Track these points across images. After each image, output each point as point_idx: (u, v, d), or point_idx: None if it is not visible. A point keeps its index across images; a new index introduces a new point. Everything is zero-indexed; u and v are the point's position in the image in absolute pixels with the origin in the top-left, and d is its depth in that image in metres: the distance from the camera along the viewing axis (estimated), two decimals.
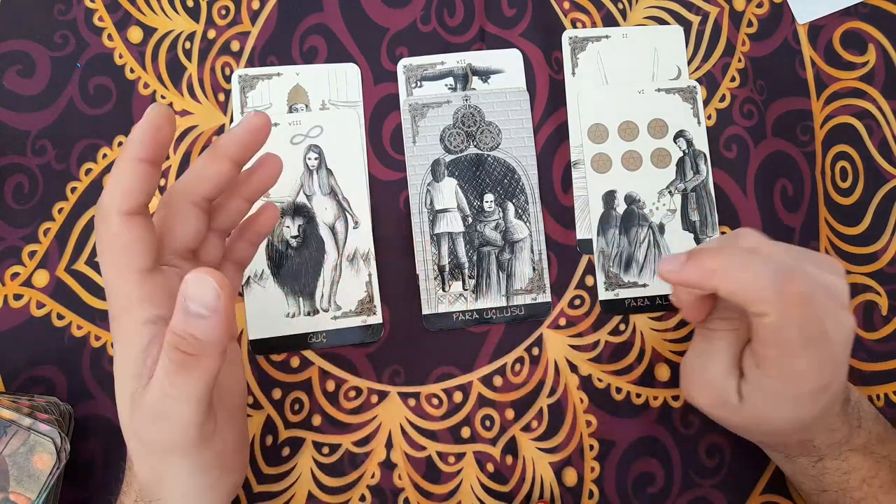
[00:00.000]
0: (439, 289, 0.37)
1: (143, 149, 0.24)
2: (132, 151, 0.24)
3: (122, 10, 0.39)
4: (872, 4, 0.40)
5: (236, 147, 0.27)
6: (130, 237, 0.24)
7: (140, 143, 0.24)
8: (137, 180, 0.24)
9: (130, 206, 0.24)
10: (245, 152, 0.28)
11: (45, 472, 0.31)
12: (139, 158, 0.24)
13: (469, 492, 0.36)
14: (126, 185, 0.24)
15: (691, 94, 0.39)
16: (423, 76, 0.39)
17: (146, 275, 0.25)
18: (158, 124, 0.25)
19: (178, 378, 0.23)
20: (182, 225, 0.27)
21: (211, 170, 0.27)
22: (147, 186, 0.25)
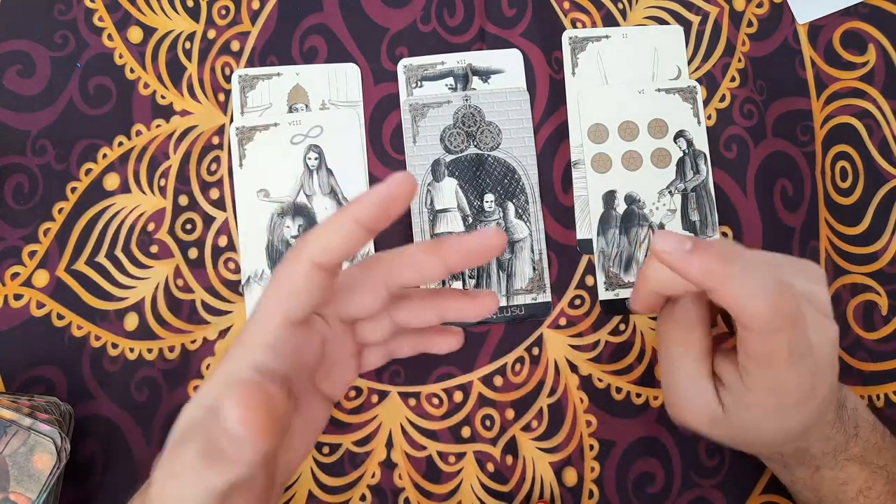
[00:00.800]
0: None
1: (368, 214, 0.23)
2: (356, 212, 0.23)
3: (122, 10, 0.39)
4: (872, 4, 0.40)
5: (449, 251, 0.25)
6: (304, 285, 0.24)
7: (368, 208, 0.23)
8: (346, 241, 0.24)
9: (325, 260, 0.24)
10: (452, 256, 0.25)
11: (45, 472, 0.31)
12: (359, 222, 0.23)
13: (469, 491, 0.36)
14: (333, 243, 0.24)
15: (691, 94, 0.39)
16: (424, 76, 0.39)
17: (289, 325, 0.24)
18: (395, 195, 0.23)
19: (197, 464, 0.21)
20: (362, 295, 0.26)
21: (417, 260, 0.26)
22: (352, 249, 0.24)
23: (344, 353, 0.28)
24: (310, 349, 0.26)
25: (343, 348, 0.28)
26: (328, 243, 0.24)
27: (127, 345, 0.36)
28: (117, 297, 0.37)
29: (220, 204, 0.38)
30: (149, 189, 0.38)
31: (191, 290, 0.37)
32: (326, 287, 0.24)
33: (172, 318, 0.36)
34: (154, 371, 0.36)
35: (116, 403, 0.36)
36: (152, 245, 0.37)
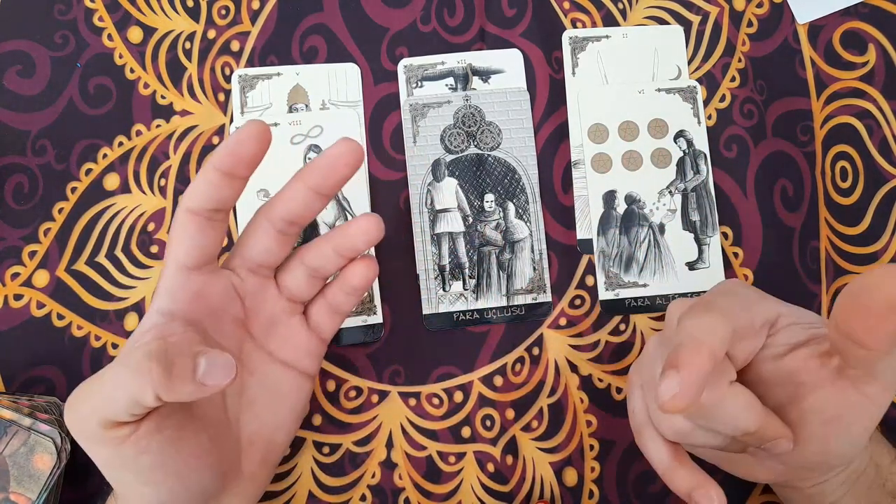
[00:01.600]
0: (440, 289, 0.37)
1: (219, 158, 0.26)
2: (212, 158, 0.26)
3: (122, 10, 0.39)
4: (872, 4, 0.40)
5: (315, 174, 0.28)
6: (183, 232, 0.27)
7: (218, 153, 0.26)
8: (206, 185, 0.26)
9: (193, 205, 0.26)
10: (325, 181, 0.28)
11: (45, 472, 0.31)
12: (214, 166, 0.26)
13: (469, 491, 0.36)
14: (196, 186, 0.26)
15: (691, 94, 0.39)
16: (424, 76, 0.39)
17: (182, 270, 0.27)
18: (241, 139, 0.26)
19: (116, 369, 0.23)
20: (253, 237, 0.29)
21: (290, 191, 0.28)
22: (215, 193, 0.26)
23: (277, 309, 0.30)
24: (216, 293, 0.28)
25: (270, 301, 0.30)
26: (192, 189, 0.26)
27: None
28: (117, 297, 0.37)
29: None
30: (149, 189, 0.38)
31: None
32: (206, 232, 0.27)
33: None
34: None
35: None
36: (152, 245, 0.37)
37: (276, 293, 0.30)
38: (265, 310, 0.30)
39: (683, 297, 0.38)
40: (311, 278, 0.30)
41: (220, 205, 0.27)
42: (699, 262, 0.38)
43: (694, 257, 0.38)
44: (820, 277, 0.38)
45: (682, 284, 0.38)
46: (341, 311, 0.31)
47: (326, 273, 0.30)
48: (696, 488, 0.28)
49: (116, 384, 0.23)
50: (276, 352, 0.30)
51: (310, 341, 0.31)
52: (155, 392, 0.22)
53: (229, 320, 0.29)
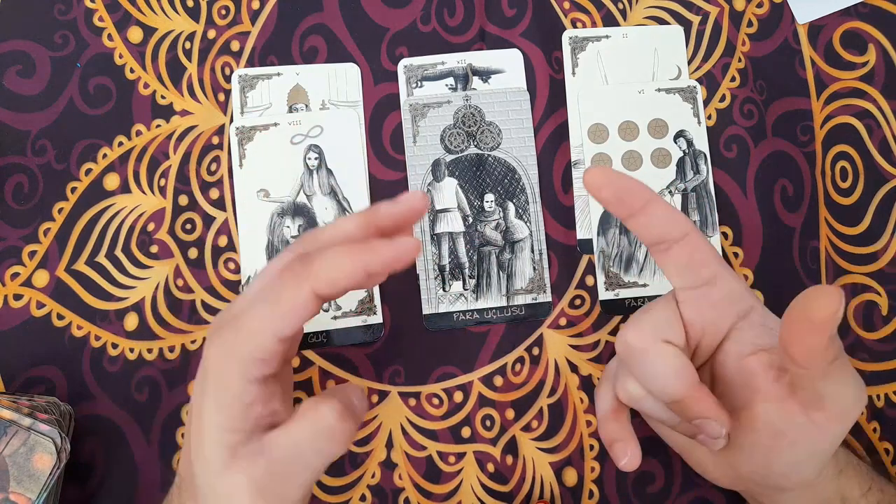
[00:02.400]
0: (439, 289, 0.37)
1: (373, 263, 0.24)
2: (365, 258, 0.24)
3: (122, 10, 0.39)
4: (872, 4, 0.40)
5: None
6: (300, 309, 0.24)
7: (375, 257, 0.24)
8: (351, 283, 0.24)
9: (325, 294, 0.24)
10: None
11: (45, 473, 0.31)
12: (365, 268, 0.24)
13: (469, 491, 0.36)
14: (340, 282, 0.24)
15: (691, 94, 0.39)
16: (424, 76, 0.39)
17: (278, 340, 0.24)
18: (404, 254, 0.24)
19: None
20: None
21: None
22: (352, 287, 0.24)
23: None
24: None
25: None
26: (333, 280, 0.24)
27: (127, 345, 0.36)
28: (117, 297, 0.37)
29: (220, 204, 0.38)
30: (149, 189, 0.38)
31: (191, 290, 0.37)
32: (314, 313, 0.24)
33: (172, 318, 0.36)
34: (154, 371, 0.36)
35: (116, 403, 0.36)
36: (152, 245, 0.37)
37: None
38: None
39: None
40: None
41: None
42: None
43: None
44: (820, 277, 0.38)
45: None
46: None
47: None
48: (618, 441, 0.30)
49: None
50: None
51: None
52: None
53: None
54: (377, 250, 0.24)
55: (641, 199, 0.27)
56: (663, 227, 0.28)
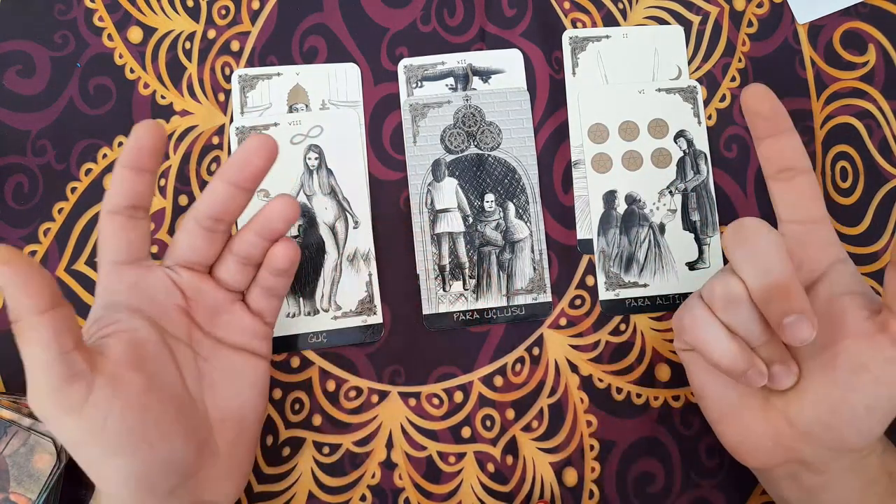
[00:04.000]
0: (440, 289, 0.37)
1: (125, 156, 0.28)
2: (119, 158, 0.28)
3: (122, 10, 0.39)
4: (872, 4, 0.40)
5: (232, 169, 0.29)
6: (106, 232, 0.29)
7: (124, 152, 0.28)
8: (120, 184, 0.28)
9: (111, 206, 0.28)
10: (241, 174, 0.29)
11: (45, 473, 0.31)
12: (121, 164, 0.28)
13: (469, 492, 0.36)
14: (112, 188, 0.28)
15: (692, 94, 0.39)
16: (424, 76, 0.39)
17: (115, 266, 0.29)
18: (140, 134, 0.28)
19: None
20: (182, 237, 0.30)
21: (211, 189, 0.29)
22: (129, 190, 0.28)
23: (216, 298, 0.31)
24: (151, 284, 0.29)
25: (210, 293, 0.31)
26: (109, 191, 0.28)
27: None
28: None
29: None
30: None
31: None
32: (130, 228, 0.29)
33: None
34: None
35: None
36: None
37: (214, 285, 0.31)
38: (206, 300, 0.31)
39: (684, 296, 0.38)
40: (242, 266, 0.31)
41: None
42: (699, 262, 0.38)
43: (694, 257, 0.38)
44: None
45: (682, 284, 0.38)
46: (276, 294, 0.32)
47: (255, 260, 0.31)
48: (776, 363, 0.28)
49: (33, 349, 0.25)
50: (225, 338, 0.31)
51: (254, 325, 0.32)
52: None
53: (173, 309, 0.30)
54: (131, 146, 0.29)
55: (788, 123, 0.31)
56: (795, 155, 0.31)
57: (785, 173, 0.32)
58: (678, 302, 0.38)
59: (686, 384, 0.37)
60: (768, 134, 0.32)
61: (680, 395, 0.37)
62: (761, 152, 0.32)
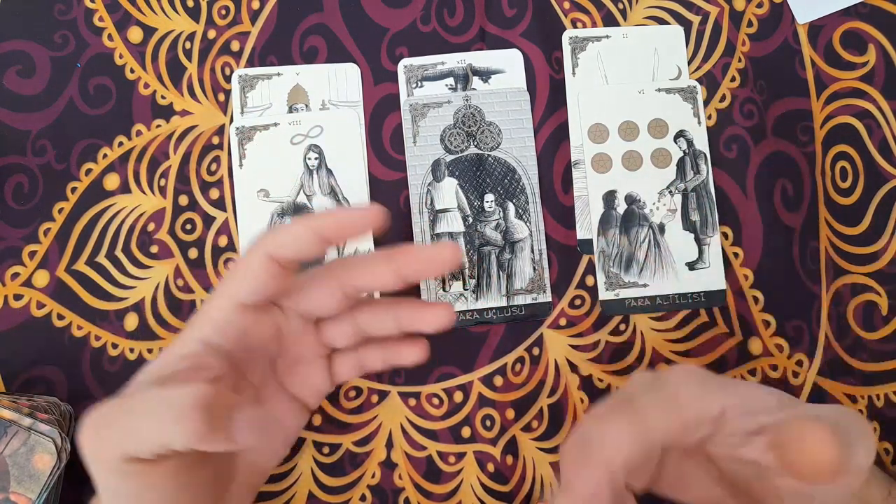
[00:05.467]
0: (439, 289, 0.37)
1: (326, 228, 0.26)
2: (316, 224, 0.26)
3: (122, 10, 0.39)
4: (872, 4, 0.40)
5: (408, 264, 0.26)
6: (255, 272, 0.26)
7: (327, 223, 0.26)
8: (299, 243, 0.26)
9: (278, 254, 0.26)
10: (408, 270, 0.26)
11: (45, 473, 0.31)
12: (316, 232, 0.26)
13: (469, 492, 0.36)
14: (288, 242, 0.26)
15: (691, 94, 0.39)
16: (424, 76, 0.39)
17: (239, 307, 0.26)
18: (356, 221, 0.26)
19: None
20: (319, 292, 0.28)
21: (375, 268, 0.27)
22: (305, 252, 0.26)
23: (308, 351, 0.30)
24: (261, 333, 0.28)
25: (306, 345, 0.30)
26: (284, 242, 0.26)
27: (127, 345, 0.36)
28: (117, 297, 0.37)
29: (220, 204, 0.38)
30: (149, 189, 0.38)
31: (191, 290, 0.37)
32: (278, 277, 0.26)
33: (172, 319, 0.36)
34: None
35: None
36: (152, 245, 0.37)
37: (314, 337, 0.30)
38: (297, 350, 0.30)
39: (684, 296, 0.38)
40: (358, 336, 0.30)
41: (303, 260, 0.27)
42: (699, 262, 0.38)
43: (694, 257, 0.38)
44: (820, 277, 0.38)
45: (682, 284, 0.38)
46: (367, 370, 0.31)
47: (375, 336, 0.29)
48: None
49: (151, 422, 0.22)
50: (290, 386, 0.30)
51: (324, 384, 0.31)
52: (190, 442, 0.21)
53: (262, 357, 0.29)
54: (328, 214, 0.26)
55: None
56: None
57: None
58: (678, 302, 0.38)
59: None
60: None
61: None
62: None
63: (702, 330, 0.38)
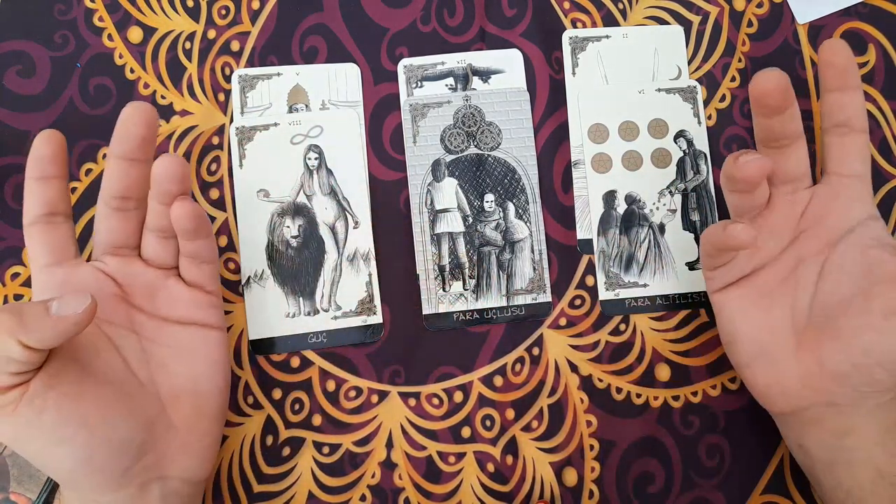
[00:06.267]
0: (439, 289, 0.37)
1: (30, 169, 0.30)
2: (27, 172, 0.30)
3: (122, 10, 0.39)
4: (872, 4, 0.40)
5: (116, 144, 0.30)
6: (31, 240, 0.30)
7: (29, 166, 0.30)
8: (32, 195, 0.30)
9: (28, 218, 0.30)
10: (126, 146, 0.30)
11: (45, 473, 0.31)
12: (28, 177, 0.30)
13: (469, 492, 0.36)
14: (25, 201, 0.30)
15: (691, 94, 0.39)
16: (424, 76, 0.39)
17: (43, 269, 0.30)
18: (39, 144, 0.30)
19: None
20: (99, 224, 0.31)
21: (106, 169, 0.30)
22: (41, 198, 0.30)
23: (148, 278, 0.31)
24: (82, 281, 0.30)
25: (140, 274, 0.31)
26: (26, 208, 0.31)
27: None
28: None
29: (220, 204, 0.38)
30: None
31: None
32: (49, 232, 0.30)
33: None
34: None
35: None
36: None
37: (143, 266, 0.32)
38: (139, 283, 0.31)
39: (684, 296, 0.38)
40: (162, 240, 0.31)
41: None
42: (699, 262, 0.38)
43: (694, 257, 0.38)
44: None
45: (682, 284, 0.38)
46: (204, 259, 0.32)
47: (171, 230, 0.31)
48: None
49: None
50: (169, 315, 0.32)
51: (194, 296, 0.32)
52: (15, 338, 0.23)
53: (107, 298, 0.30)
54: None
55: (856, 81, 0.32)
56: (855, 113, 0.32)
57: (840, 129, 0.32)
58: (678, 302, 0.38)
59: (686, 384, 0.37)
60: (836, 87, 0.32)
61: (680, 394, 0.37)
62: (823, 105, 0.33)
63: (702, 330, 0.38)
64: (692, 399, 0.37)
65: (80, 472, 0.27)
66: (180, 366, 0.31)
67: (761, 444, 0.36)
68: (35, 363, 0.25)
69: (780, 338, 0.31)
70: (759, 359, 0.32)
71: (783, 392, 0.31)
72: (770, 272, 0.32)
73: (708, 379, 0.37)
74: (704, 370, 0.37)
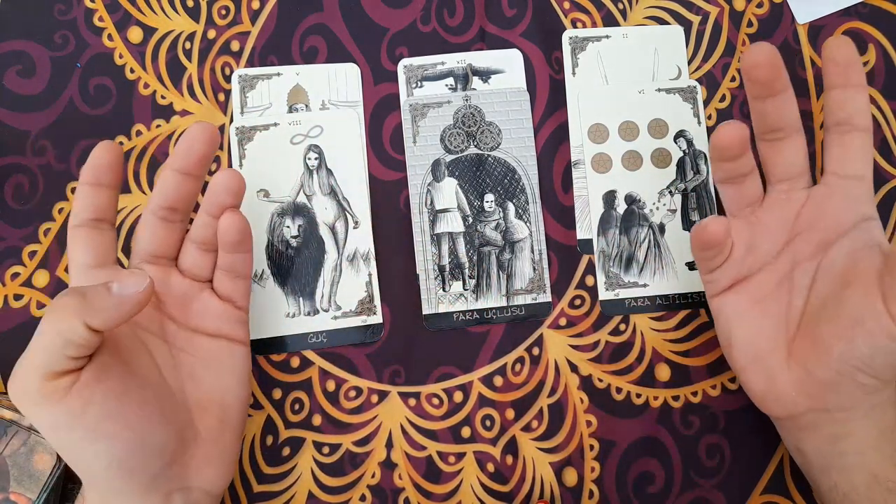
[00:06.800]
0: (439, 289, 0.37)
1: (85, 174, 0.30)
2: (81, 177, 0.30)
3: (122, 10, 0.39)
4: (872, 4, 0.40)
5: (178, 158, 0.30)
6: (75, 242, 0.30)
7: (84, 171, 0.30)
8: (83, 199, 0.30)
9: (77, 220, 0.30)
10: (186, 161, 0.30)
11: (45, 473, 0.32)
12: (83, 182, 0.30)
13: (469, 491, 0.36)
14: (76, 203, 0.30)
15: (691, 94, 0.39)
16: (424, 76, 0.39)
17: (84, 269, 0.29)
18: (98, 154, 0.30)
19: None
20: (142, 232, 0.31)
21: (161, 180, 0.31)
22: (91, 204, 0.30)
23: (183, 289, 0.32)
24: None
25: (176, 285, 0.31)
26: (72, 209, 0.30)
27: None
28: None
29: None
30: (149, 189, 0.38)
31: None
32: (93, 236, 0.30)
33: None
34: None
35: None
36: None
37: (180, 276, 0.32)
38: (174, 292, 0.31)
39: (684, 296, 0.38)
40: (203, 252, 0.32)
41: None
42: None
43: None
44: None
45: (682, 284, 0.38)
46: (239, 274, 0.32)
47: (213, 243, 0.31)
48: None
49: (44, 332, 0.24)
50: (199, 326, 0.32)
51: (226, 310, 0.32)
52: (81, 319, 0.24)
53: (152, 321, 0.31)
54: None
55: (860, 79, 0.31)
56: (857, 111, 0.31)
57: (841, 127, 0.31)
58: (678, 302, 0.38)
59: (686, 384, 0.37)
60: (838, 84, 0.31)
61: (680, 394, 0.37)
62: (824, 103, 0.32)
63: (702, 330, 0.38)
64: (692, 399, 0.37)
65: (112, 471, 0.27)
66: (208, 377, 0.31)
67: (761, 444, 0.36)
68: (92, 347, 0.25)
69: (773, 344, 0.31)
70: (754, 365, 0.32)
71: (777, 398, 0.31)
72: (765, 276, 0.32)
73: (708, 379, 0.37)
74: (704, 370, 0.37)
